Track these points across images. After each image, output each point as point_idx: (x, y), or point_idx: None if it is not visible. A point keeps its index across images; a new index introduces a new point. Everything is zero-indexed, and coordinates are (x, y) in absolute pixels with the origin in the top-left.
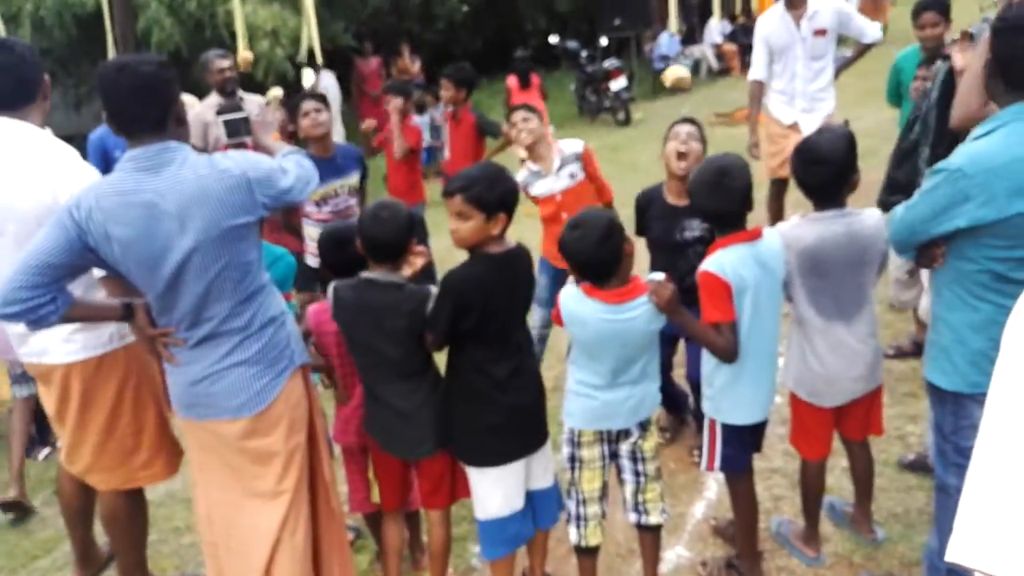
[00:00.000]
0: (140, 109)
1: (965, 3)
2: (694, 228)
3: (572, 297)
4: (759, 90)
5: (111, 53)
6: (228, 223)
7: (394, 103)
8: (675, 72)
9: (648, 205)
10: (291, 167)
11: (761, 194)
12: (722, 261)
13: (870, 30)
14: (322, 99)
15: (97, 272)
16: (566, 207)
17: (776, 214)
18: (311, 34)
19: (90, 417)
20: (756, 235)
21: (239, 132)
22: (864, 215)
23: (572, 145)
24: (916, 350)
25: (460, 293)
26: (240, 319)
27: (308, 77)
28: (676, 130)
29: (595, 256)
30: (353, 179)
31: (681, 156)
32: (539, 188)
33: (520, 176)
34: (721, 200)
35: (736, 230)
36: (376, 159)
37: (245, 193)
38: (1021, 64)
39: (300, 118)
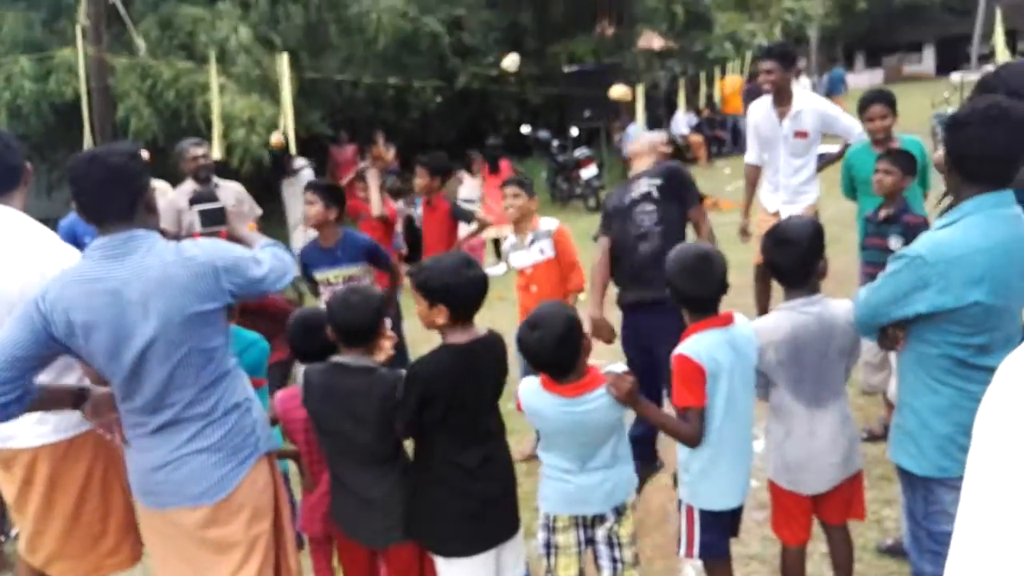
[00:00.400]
0: (109, 199)
1: (918, 99)
2: (642, 187)
3: (530, 391)
4: (752, 174)
5: (87, 141)
6: (191, 309)
7: (372, 171)
8: (618, 90)
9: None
10: (266, 259)
11: (738, 279)
12: (697, 346)
13: (858, 130)
14: (318, 190)
15: None
16: (536, 281)
17: (763, 296)
18: (287, 124)
19: (56, 502)
20: (728, 320)
21: (215, 222)
22: (833, 304)
23: (547, 223)
24: (887, 433)
25: (424, 384)
26: (203, 405)
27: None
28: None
29: (553, 356)
30: (351, 270)
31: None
32: (515, 260)
33: (504, 246)
34: (701, 286)
35: (711, 315)
36: None
37: (210, 280)
38: (974, 159)
39: (304, 205)
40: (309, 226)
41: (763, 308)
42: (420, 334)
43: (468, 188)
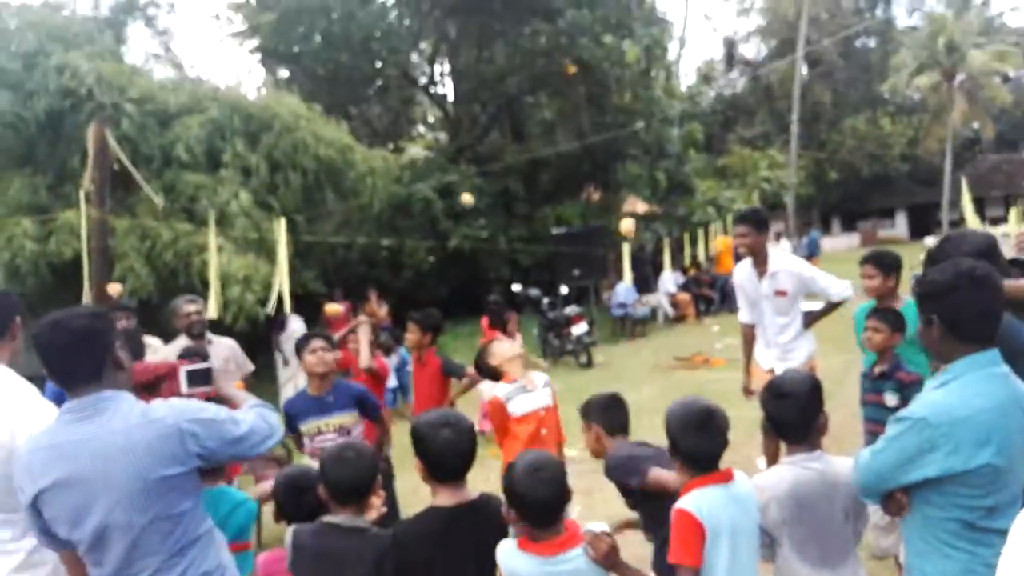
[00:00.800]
0: (74, 362)
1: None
2: None
3: (507, 552)
4: (748, 332)
5: (85, 298)
6: (155, 474)
7: (364, 325)
8: (626, 224)
9: None
10: (250, 420)
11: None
12: (699, 502)
13: (835, 289)
14: (327, 339)
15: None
16: (547, 424)
17: (772, 454)
18: (283, 282)
19: None
20: (729, 477)
21: (200, 382)
22: (837, 462)
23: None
24: None
25: (402, 549)
26: (171, 573)
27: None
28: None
29: (542, 497)
30: (342, 418)
31: None
32: (522, 404)
33: (502, 391)
34: (706, 442)
35: (711, 471)
36: None
37: (175, 443)
38: (968, 320)
39: (307, 353)
40: (319, 371)
41: (773, 463)
42: (410, 495)
43: None
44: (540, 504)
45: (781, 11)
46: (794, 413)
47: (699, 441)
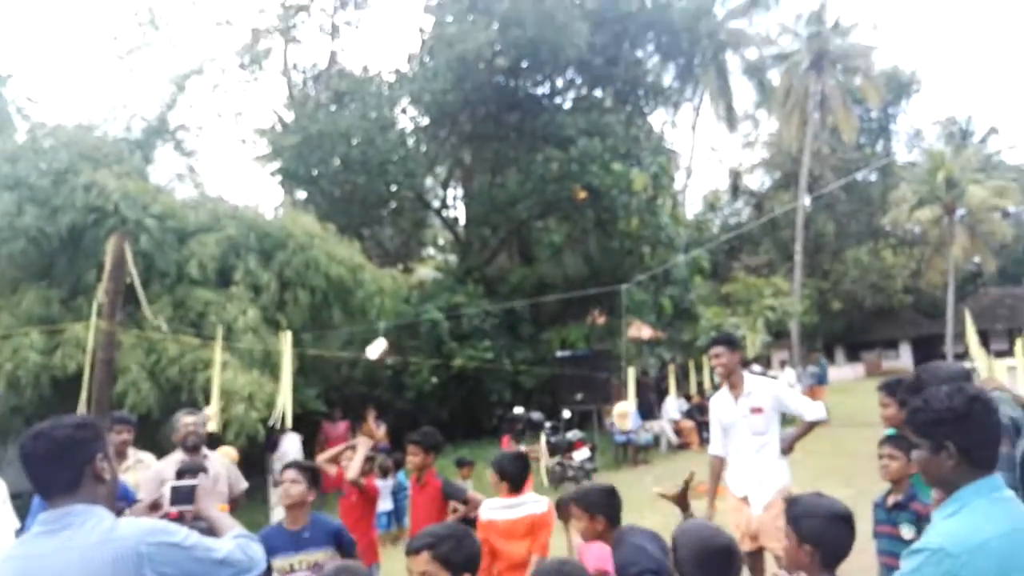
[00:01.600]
0: (52, 473)
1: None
2: None
3: None
4: (718, 465)
5: (81, 409)
6: None
7: (363, 440)
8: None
9: None
10: (226, 549)
11: None
12: None
13: (809, 410)
14: (303, 469)
15: None
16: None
17: None
18: (286, 401)
19: None
20: None
21: (184, 500)
22: None
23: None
24: None
25: None
26: None
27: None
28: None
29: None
30: (317, 555)
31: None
32: (506, 513)
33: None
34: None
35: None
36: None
37: (129, 566)
38: (980, 446)
39: (285, 483)
40: (288, 505)
41: None
42: None
43: None
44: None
45: (784, 145)
46: (848, 537)
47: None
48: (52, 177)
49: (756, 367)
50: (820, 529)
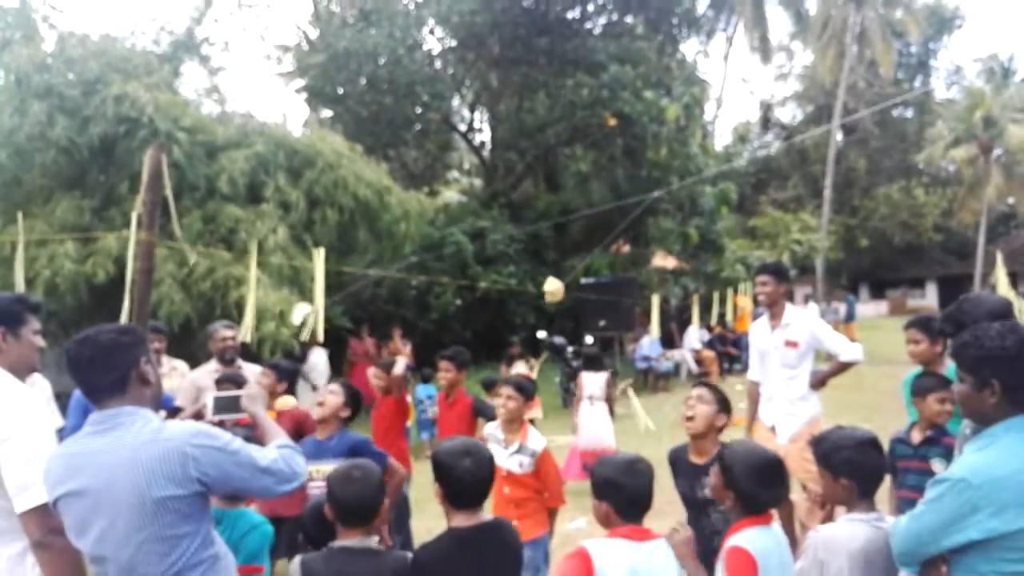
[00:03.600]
0: (98, 376)
1: None
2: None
3: (598, 544)
4: (755, 391)
5: (124, 311)
6: (154, 494)
7: (393, 346)
8: (553, 284)
9: (675, 463)
10: (269, 458)
11: None
12: (753, 539)
13: (844, 350)
14: (346, 387)
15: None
16: (510, 484)
17: (786, 517)
18: (318, 311)
19: None
20: (770, 519)
21: (225, 409)
22: (888, 519)
23: (536, 441)
24: None
25: (420, 569)
26: None
27: (299, 311)
28: (689, 392)
29: (638, 486)
30: (334, 465)
31: (689, 419)
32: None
33: (488, 429)
34: (767, 488)
35: (763, 513)
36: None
37: (175, 465)
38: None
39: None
40: (319, 414)
41: (789, 528)
42: (425, 535)
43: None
44: (636, 494)
45: (819, 78)
46: (880, 460)
47: (761, 487)
48: (82, 88)
49: (812, 305)
50: (853, 459)
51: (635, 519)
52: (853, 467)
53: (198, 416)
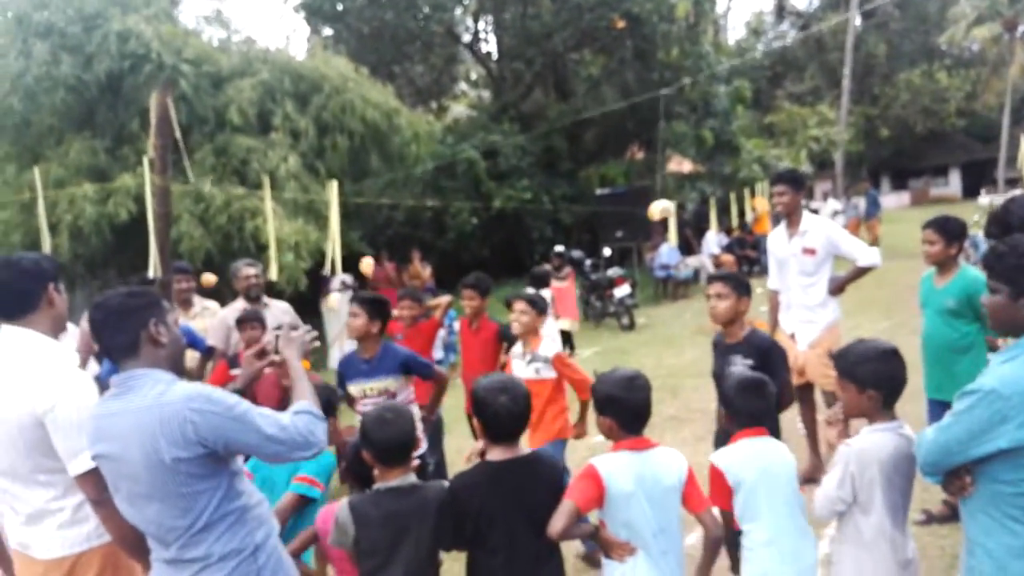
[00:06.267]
0: (111, 338)
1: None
2: (736, 363)
3: (605, 459)
4: (775, 298)
5: (153, 259)
6: (160, 457)
7: (413, 269)
8: (659, 205)
9: (716, 346)
10: (283, 426)
11: None
12: (730, 455)
13: (862, 255)
14: (364, 303)
15: (75, 467)
16: (532, 391)
17: (809, 417)
18: (335, 248)
19: None
20: (763, 432)
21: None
22: (907, 427)
23: (546, 348)
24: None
25: (454, 497)
26: (197, 549)
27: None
28: (706, 290)
29: (638, 401)
30: (386, 382)
31: (713, 316)
32: (515, 368)
33: (514, 350)
34: (756, 403)
35: (753, 426)
36: None
37: (175, 429)
38: None
39: (349, 316)
40: (351, 337)
41: (812, 429)
42: (455, 455)
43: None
44: (636, 407)
45: None
46: (901, 370)
47: (752, 402)
48: (83, 24)
49: (832, 201)
50: (876, 371)
51: (636, 431)
52: (879, 378)
53: (262, 354)
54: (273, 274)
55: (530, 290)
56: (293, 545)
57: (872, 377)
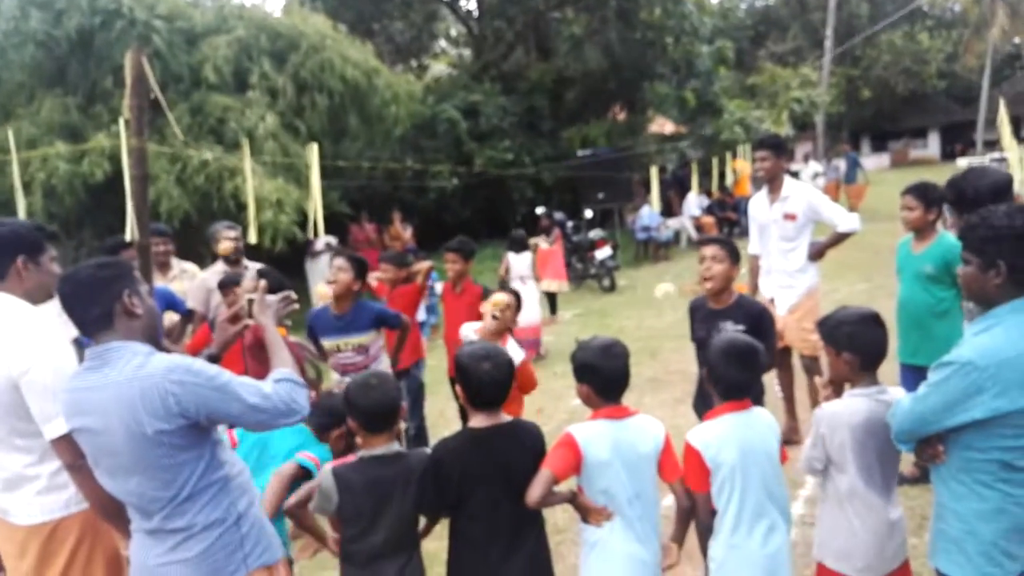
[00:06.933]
0: (83, 311)
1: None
2: (727, 329)
3: (583, 427)
4: (755, 263)
5: (130, 221)
6: (141, 430)
7: (394, 230)
8: (662, 288)
9: (695, 311)
10: (266, 395)
11: None
12: (707, 433)
13: (842, 221)
14: (352, 260)
15: (50, 432)
16: None
17: (786, 381)
18: (317, 210)
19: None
20: (748, 405)
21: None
22: (891, 392)
23: (515, 351)
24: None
25: (436, 463)
26: (180, 519)
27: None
28: (701, 252)
29: (615, 369)
30: (361, 338)
31: (707, 279)
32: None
33: (462, 331)
34: (741, 374)
35: (740, 399)
36: None
37: (156, 401)
38: None
39: (333, 269)
40: (335, 291)
41: (789, 393)
42: (437, 417)
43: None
44: (613, 375)
45: None
46: (881, 336)
47: (734, 371)
48: None
49: (812, 163)
50: (855, 334)
51: (614, 399)
52: (856, 342)
53: (236, 318)
54: (252, 237)
55: (511, 255)
56: (298, 494)
57: (848, 341)
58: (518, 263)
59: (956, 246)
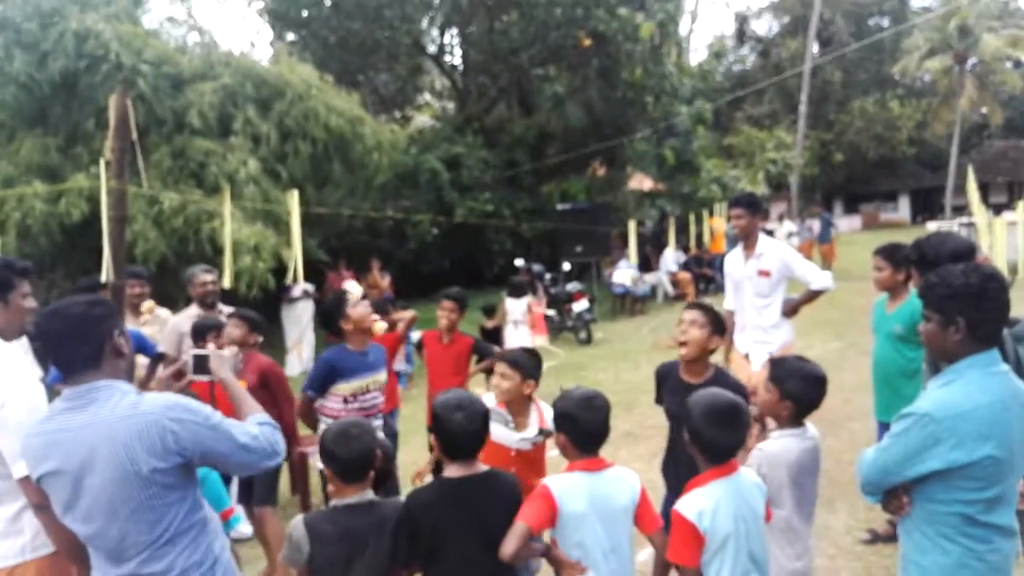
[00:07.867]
0: (71, 350)
1: None
2: None
3: (559, 479)
4: (729, 318)
5: (106, 262)
6: (135, 468)
7: (372, 278)
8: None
9: (665, 379)
10: (252, 434)
11: None
12: (698, 502)
13: (815, 279)
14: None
15: (19, 471)
16: (517, 464)
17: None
18: (296, 256)
19: None
20: (735, 468)
21: (201, 370)
22: (811, 429)
23: (539, 423)
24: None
25: (409, 514)
26: (159, 563)
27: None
28: (681, 315)
29: (594, 422)
30: (383, 375)
31: (682, 344)
32: (498, 433)
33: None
34: (728, 436)
35: (725, 464)
36: None
37: (155, 439)
38: (992, 324)
39: (352, 308)
40: (363, 324)
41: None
42: (411, 467)
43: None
44: (592, 428)
45: None
46: (821, 395)
47: (722, 435)
48: (39, 20)
49: (787, 223)
50: (800, 389)
51: (591, 451)
52: (799, 395)
53: (179, 375)
54: (227, 281)
55: (509, 300)
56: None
57: (793, 392)
58: (514, 308)
59: None
